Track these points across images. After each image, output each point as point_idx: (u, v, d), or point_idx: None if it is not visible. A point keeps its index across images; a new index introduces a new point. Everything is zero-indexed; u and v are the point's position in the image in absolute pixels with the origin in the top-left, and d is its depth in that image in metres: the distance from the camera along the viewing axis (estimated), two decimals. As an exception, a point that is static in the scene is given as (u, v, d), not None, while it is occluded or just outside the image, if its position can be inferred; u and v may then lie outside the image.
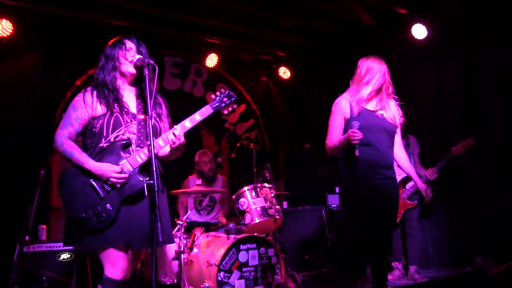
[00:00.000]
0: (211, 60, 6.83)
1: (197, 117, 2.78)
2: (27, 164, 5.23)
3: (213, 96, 2.88)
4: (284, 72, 7.55)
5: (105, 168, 2.57)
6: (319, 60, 7.11)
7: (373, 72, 3.35)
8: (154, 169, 2.44)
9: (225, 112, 2.94)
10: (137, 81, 2.83)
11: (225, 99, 2.87)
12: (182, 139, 2.73)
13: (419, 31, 5.54)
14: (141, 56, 2.72)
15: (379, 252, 3.34)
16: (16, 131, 5.38)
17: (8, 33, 5.21)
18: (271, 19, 6.13)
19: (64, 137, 2.64)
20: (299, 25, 6.38)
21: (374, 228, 3.27)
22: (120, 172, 2.58)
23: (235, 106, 2.93)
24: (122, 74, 2.77)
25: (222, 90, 2.90)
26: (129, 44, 2.78)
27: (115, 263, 2.60)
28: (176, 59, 6.93)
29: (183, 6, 5.60)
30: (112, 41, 2.83)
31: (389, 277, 5.15)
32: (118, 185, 2.58)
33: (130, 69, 2.75)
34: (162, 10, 5.62)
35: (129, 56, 2.74)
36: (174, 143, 2.70)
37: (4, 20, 5.16)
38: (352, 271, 3.37)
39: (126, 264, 2.63)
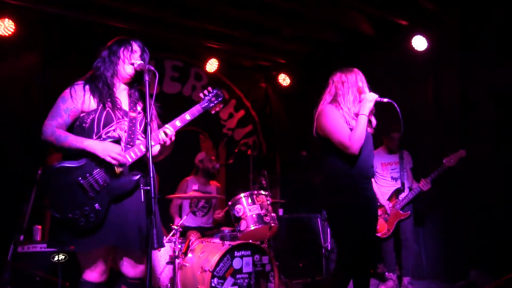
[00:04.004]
0: (211, 65, 6.84)
1: (187, 117, 2.81)
2: (24, 163, 5.21)
3: (201, 95, 2.92)
4: (284, 79, 7.57)
5: (108, 145, 2.56)
6: (319, 68, 7.12)
7: (361, 87, 3.30)
8: (152, 175, 2.42)
9: (213, 112, 2.97)
10: (132, 82, 2.85)
11: (213, 99, 2.91)
12: (173, 138, 2.76)
13: (419, 43, 5.56)
14: (142, 62, 2.73)
15: (367, 265, 3.33)
16: (15, 129, 5.38)
17: (10, 32, 5.20)
18: (271, 26, 6.15)
19: (54, 127, 2.61)
20: (299, 33, 6.40)
21: (369, 239, 3.27)
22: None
23: (221, 105, 2.96)
24: (120, 73, 2.78)
25: (210, 89, 2.93)
26: (135, 47, 2.80)
27: (94, 267, 2.60)
28: (176, 62, 6.94)
29: (184, 10, 5.61)
30: (119, 38, 2.85)
31: (382, 287, 5.16)
32: (116, 165, 2.56)
33: (129, 71, 2.77)
34: (163, 13, 5.64)
35: (132, 59, 2.76)
36: (165, 142, 2.72)
37: (6, 19, 5.16)
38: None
39: (105, 268, 2.64)
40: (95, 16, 5.57)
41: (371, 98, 3.21)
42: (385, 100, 3.24)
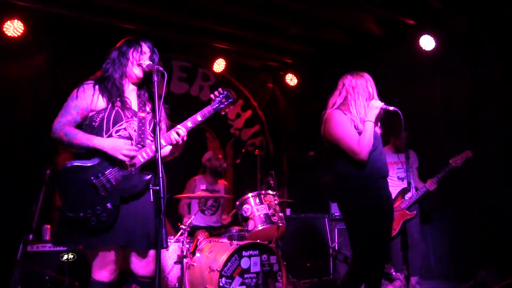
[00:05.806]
0: (219, 65, 6.85)
1: (198, 118, 2.83)
2: (33, 163, 5.25)
3: (212, 96, 2.92)
4: (291, 79, 7.57)
5: (118, 142, 2.59)
6: (326, 68, 7.13)
7: (371, 92, 3.29)
8: (161, 176, 2.44)
9: (223, 113, 2.97)
10: (141, 83, 2.86)
11: (223, 100, 2.91)
12: (185, 138, 2.78)
13: (427, 42, 5.55)
14: (151, 63, 2.74)
15: (380, 265, 3.32)
16: (23, 130, 5.42)
17: (19, 33, 5.25)
18: (279, 26, 6.16)
19: (63, 124, 2.62)
20: (306, 33, 6.40)
21: (382, 239, 3.26)
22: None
23: (232, 107, 2.96)
24: (129, 74, 2.80)
25: (220, 90, 2.93)
26: (145, 48, 2.81)
27: (105, 266, 2.62)
28: (183, 63, 6.95)
29: (192, 11, 5.63)
30: (129, 38, 2.86)
31: (390, 287, 5.15)
32: (128, 162, 2.58)
33: (138, 72, 2.78)
34: (171, 14, 5.66)
35: (141, 60, 2.77)
36: (177, 142, 2.74)
37: (15, 20, 5.20)
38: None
39: (115, 267, 2.65)
40: (103, 17, 5.59)
41: (377, 105, 3.22)
42: (391, 108, 3.24)
